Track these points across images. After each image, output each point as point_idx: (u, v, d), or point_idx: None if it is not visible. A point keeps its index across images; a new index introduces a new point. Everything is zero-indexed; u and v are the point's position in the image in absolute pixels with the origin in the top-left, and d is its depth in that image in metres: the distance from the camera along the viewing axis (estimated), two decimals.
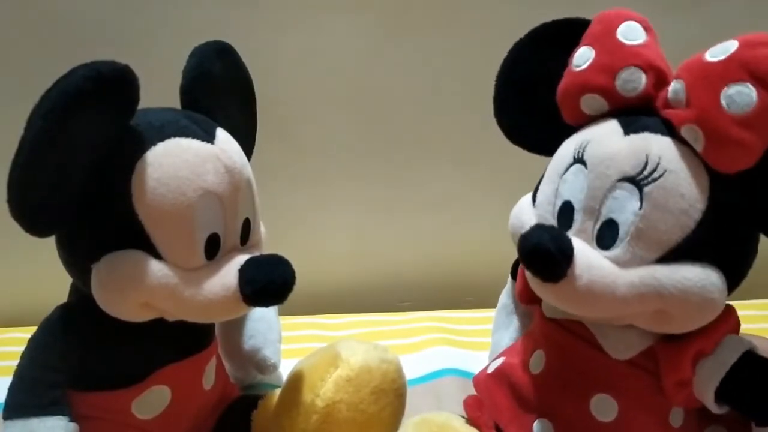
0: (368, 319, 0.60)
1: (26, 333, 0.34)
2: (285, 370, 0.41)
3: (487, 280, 0.45)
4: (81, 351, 0.33)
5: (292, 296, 0.33)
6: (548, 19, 0.36)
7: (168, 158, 0.31)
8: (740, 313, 0.35)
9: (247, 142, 0.39)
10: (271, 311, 0.46)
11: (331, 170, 0.63)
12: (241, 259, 0.33)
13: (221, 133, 0.34)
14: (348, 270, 0.66)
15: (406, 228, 0.65)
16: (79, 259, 0.32)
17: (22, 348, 0.33)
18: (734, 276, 0.31)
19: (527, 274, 0.33)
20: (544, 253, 0.29)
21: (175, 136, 0.32)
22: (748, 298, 0.57)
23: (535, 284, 0.33)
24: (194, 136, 0.33)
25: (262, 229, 0.38)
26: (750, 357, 0.32)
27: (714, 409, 0.32)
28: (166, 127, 0.32)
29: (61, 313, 0.34)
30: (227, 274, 0.32)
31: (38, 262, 0.41)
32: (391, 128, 0.61)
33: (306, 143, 0.61)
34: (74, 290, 0.35)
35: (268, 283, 0.32)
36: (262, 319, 0.44)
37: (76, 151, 0.29)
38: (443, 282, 0.65)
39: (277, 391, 0.40)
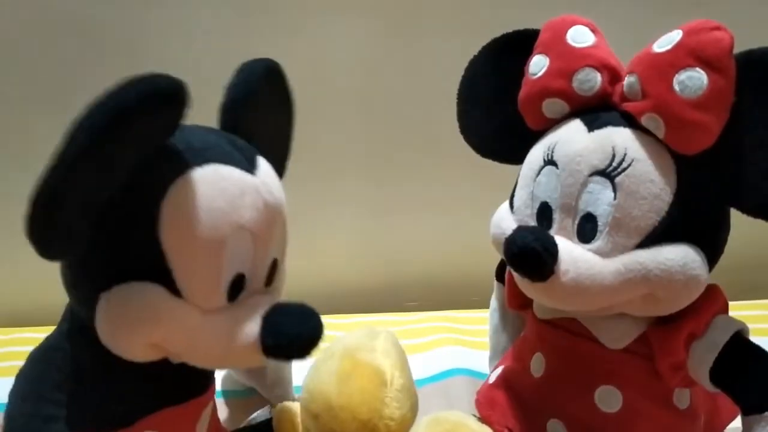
0: (376, 319, 0.60)
1: (29, 333, 0.32)
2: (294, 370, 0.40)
3: (493, 280, 0.46)
4: (71, 384, 0.30)
5: (300, 296, 0.30)
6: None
7: (205, 186, 0.28)
8: (742, 313, 0.35)
9: (279, 167, 0.36)
10: None
11: (339, 171, 0.63)
12: (266, 304, 0.29)
13: (263, 164, 0.32)
14: (355, 270, 0.66)
15: (413, 228, 0.66)
16: (86, 284, 0.28)
17: (23, 348, 0.31)
18: (712, 251, 0.32)
19: (515, 276, 0.34)
20: (530, 254, 0.30)
21: (215, 161, 0.29)
22: (749, 299, 0.58)
23: (525, 285, 0.33)
24: (236, 164, 0.29)
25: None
26: (739, 340, 0.33)
27: (710, 388, 0.33)
28: (206, 152, 0.29)
29: (52, 342, 0.31)
30: (250, 322, 0.29)
31: (40, 262, 0.40)
32: (398, 129, 0.62)
33: (313, 144, 0.60)
34: (69, 317, 0.32)
35: (295, 337, 0.28)
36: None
37: (114, 172, 0.27)
38: (450, 282, 0.65)
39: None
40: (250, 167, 0.30)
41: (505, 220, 0.36)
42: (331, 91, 0.60)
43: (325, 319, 0.58)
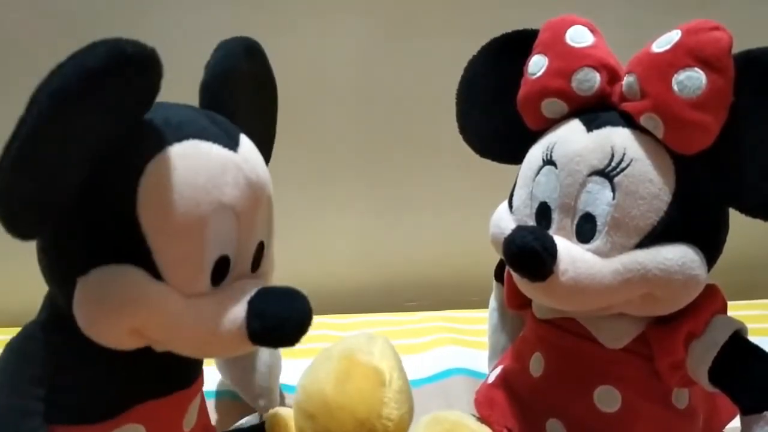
0: (375, 319, 0.60)
1: None
2: (288, 369, 0.39)
3: (492, 280, 0.46)
4: (50, 376, 0.28)
5: None
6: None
7: (185, 161, 0.27)
8: (742, 313, 0.35)
9: (264, 151, 0.34)
10: (266, 351, 0.43)
11: (338, 171, 0.63)
12: (252, 288, 0.28)
13: (245, 141, 0.30)
14: (354, 270, 0.66)
15: (413, 228, 0.66)
16: (63, 268, 0.27)
17: None
18: (711, 251, 0.32)
19: (515, 276, 0.34)
20: (530, 253, 0.30)
21: (194, 137, 0.28)
22: (749, 298, 0.58)
23: (524, 285, 0.33)
24: (215, 140, 0.28)
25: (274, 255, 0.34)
26: (737, 339, 0.33)
27: (709, 388, 0.33)
28: (185, 126, 0.28)
29: (30, 332, 0.30)
30: (235, 305, 0.28)
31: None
32: (397, 128, 0.62)
33: (312, 144, 0.61)
34: (47, 306, 0.31)
35: (283, 320, 0.27)
36: (255, 370, 0.42)
37: (83, 141, 0.25)
38: (450, 282, 0.65)
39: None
40: (231, 143, 0.29)
41: (504, 220, 0.36)
42: (331, 90, 0.60)
43: (325, 319, 0.57)
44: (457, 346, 0.55)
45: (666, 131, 0.31)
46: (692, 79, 0.29)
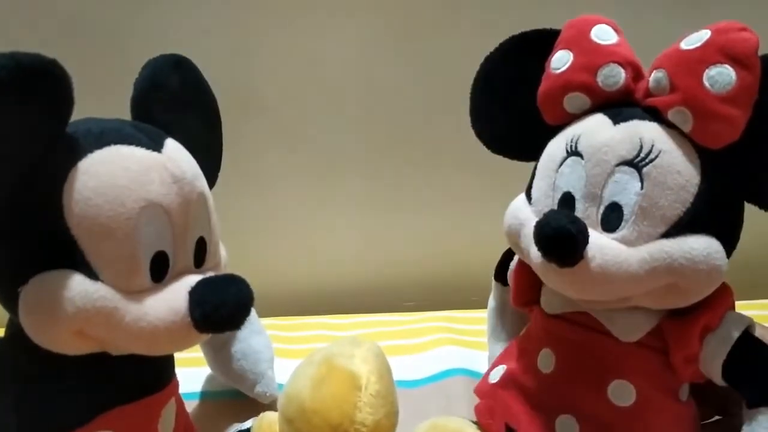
0: (374, 319, 0.60)
1: None
2: (287, 370, 0.38)
3: (492, 280, 0.46)
4: (14, 390, 0.30)
5: (298, 296, 0.30)
6: (552, 21, 0.38)
7: (106, 166, 0.28)
8: (742, 312, 0.36)
9: (211, 163, 0.37)
10: (253, 337, 0.45)
11: (337, 171, 0.63)
12: (193, 280, 0.29)
13: (171, 143, 0.32)
14: (353, 270, 0.66)
15: (412, 228, 0.66)
16: (5, 281, 0.28)
17: None
18: (730, 244, 0.33)
19: (537, 265, 0.34)
20: (565, 236, 0.31)
21: (115, 143, 0.29)
22: (750, 298, 0.59)
23: (548, 272, 0.33)
24: (138, 143, 0.30)
25: (223, 252, 0.35)
26: (749, 335, 0.34)
27: (720, 382, 0.34)
28: (107, 134, 0.29)
29: None
30: (175, 297, 0.29)
31: None
32: (396, 129, 0.62)
33: (312, 144, 0.61)
34: (9, 325, 0.32)
35: (220, 304, 0.28)
36: (245, 357, 0.44)
37: None
38: (449, 282, 0.65)
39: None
40: (154, 145, 0.30)
41: (523, 211, 0.36)
42: (331, 90, 0.60)
43: (324, 319, 0.56)
44: (457, 347, 0.54)
45: (695, 124, 0.31)
46: (723, 75, 0.30)
